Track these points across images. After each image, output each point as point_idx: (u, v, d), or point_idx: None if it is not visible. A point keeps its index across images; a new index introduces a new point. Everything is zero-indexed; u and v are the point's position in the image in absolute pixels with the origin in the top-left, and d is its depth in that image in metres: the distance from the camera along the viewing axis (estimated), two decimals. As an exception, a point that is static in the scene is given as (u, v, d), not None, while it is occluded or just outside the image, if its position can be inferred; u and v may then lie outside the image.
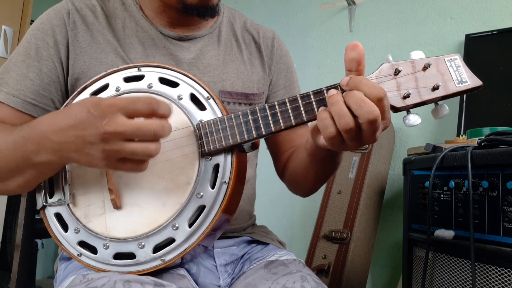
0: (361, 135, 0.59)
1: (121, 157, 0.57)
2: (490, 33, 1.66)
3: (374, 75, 0.64)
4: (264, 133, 0.66)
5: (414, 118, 0.63)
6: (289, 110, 0.65)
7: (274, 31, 1.00)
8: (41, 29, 0.80)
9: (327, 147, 0.63)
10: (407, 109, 0.64)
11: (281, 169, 0.96)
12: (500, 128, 1.06)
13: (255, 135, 0.66)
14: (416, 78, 0.63)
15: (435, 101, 0.64)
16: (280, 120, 0.65)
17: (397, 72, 0.63)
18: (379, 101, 0.57)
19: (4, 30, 2.11)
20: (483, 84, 0.63)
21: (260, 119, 0.66)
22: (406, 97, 0.62)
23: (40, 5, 2.39)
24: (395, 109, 0.63)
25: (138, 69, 0.74)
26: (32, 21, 2.23)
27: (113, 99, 0.57)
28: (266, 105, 0.66)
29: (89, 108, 0.56)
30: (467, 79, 0.63)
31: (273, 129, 0.66)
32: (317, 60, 2.15)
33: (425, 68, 0.63)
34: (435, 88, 0.62)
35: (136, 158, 0.58)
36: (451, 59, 0.64)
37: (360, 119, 0.57)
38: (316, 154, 0.73)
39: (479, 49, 1.67)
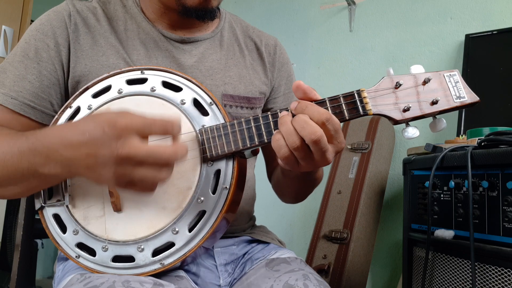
0: (312, 156, 0.61)
1: (131, 180, 0.57)
2: (490, 33, 1.66)
3: (375, 88, 0.66)
4: (266, 140, 0.66)
5: (413, 131, 0.65)
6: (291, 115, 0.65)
7: (276, 38, 1.01)
8: (41, 30, 0.79)
9: (285, 167, 0.65)
10: (406, 122, 0.66)
11: (270, 175, 1.00)
12: (500, 128, 1.06)
13: (257, 142, 0.67)
14: (416, 92, 0.65)
15: (433, 115, 0.66)
16: None
17: (397, 86, 0.65)
18: (323, 124, 0.60)
19: (4, 30, 2.11)
20: (480, 100, 0.65)
21: (262, 126, 0.67)
22: (405, 110, 0.64)
23: (40, 5, 2.39)
24: (395, 122, 0.65)
25: (141, 72, 0.74)
26: (32, 21, 2.23)
27: (130, 119, 0.56)
28: (269, 113, 0.66)
29: (103, 126, 0.55)
30: (465, 95, 0.65)
31: None
32: (317, 60, 2.15)
33: (425, 82, 0.65)
34: (434, 103, 0.64)
35: (144, 183, 0.58)
36: (450, 74, 0.66)
37: (305, 140, 0.60)
38: (288, 173, 0.77)
39: (479, 49, 1.67)
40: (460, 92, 0.65)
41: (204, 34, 0.89)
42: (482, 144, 0.98)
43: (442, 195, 1.07)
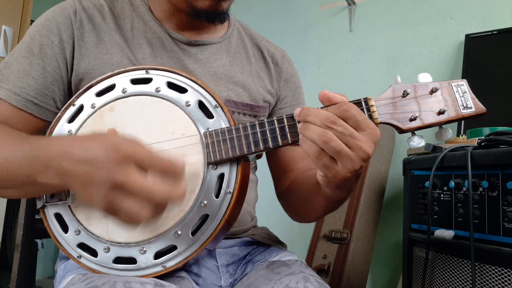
0: (341, 145, 0.59)
1: (118, 208, 0.55)
2: (490, 33, 1.66)
3: (382, 96, 0.66)
4: (271, 146, 0.66)
5: (418, 140, 0.65)
6: (297, 125, 0.65)
7: (285, 50, 1.00)
8: (46, 26, 0.78)
9: (325, 173, 0.62)
10: (412, 130, 0.65)
11: (282, 192, 0.96)
12: (500, 128, 1.07)
13: (262, 148, 0.66)
14: (423, 101, 0.65)
15: (439, 124, 0.65)
16: (288, 134, 0.66)
17: (405, 95, 0.65)
18: (345, 111, 0.59)
19: (4, 30, 2.11)
20: (486, 111, 0.65)
21: (268, 131, 0.66)
22: (412, 119, 0.64)
23: (40, 5, 2.40)
24: (401, 130, 0.65)
25: (146, 71, 0.73)
26: (32, 21, 2.23)
27: (135, 148, 0.55)
28: (275, 118, 0.66)
29: (107, 148, 0.55)
30: (472, 105, 0.65)
31: (280, 143, 0.66)
32: (317, 60, 2.15)
33: (432, 92, 0.65)
34: (441, 113, 0.64)
35: (130, 216, 0.56)
36: (457, 84, 0.66)
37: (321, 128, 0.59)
38: (325, 191, 0.72)
39: (479, 49, 1.67)
40: (467, 102, 0.65)
41: (212, 38, 0.88)
42: (482, 144, 0.98)
43: (442, 195, 1.07)
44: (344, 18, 2.08)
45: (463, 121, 1.59)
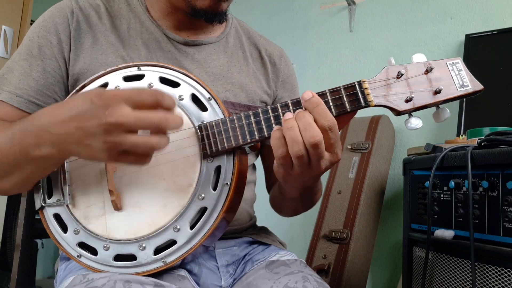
0: (309, 160, 0.61)
1: (123, 149, 0.56)
2: (490, 33, 1.66)
3: (377, 78, 0.64)
4: (266, 135, 0.66)
5: (416, 122, 0.64)
6: (292, 112, 0.65)
7: (283, 49, 1.00)
8: (43, 27, 0.79)
9: (278, 170, 0.65)
10: (409, 112, 0.64)
11: (269, 188, 0.99)
12: (500, 128, 1.06)
13: (257, 137, 0.66)
14: (419, 81, 0.64)
15: (436, 104, 0.64)
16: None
17: (399, 76, 0.64)
18: (325, 131, 0.60)
19: (4, 30, 2.11)
20: (483, 88, 0.64)
21: (262, 121, 0.66)
22: (408, 100, 0.63)
23: (40, 5, 2.39)
24: (398, 112, 0.64)
25: (138, 68, 0.73)
26: (32, 21, 2.23)
27: (117, 90, 0.56)
28: (269, 107, 0.66)
29: (91, 98, 0.54)
30: (469, 83, 0.64)
31: None
32: (317, 60, 2.15)
33: (427, 71, 0.64)
34: (437, 92, 0.63)
35: (138, 151, 0.56)
36: (453, 62, 0.65)
37: (304, 142, 0.60)
38: (286, 194, 0.77)
39: (479, 49, 1.67)
40: (463, 80, 0.64)
41: (209, 37, 0.88)
42: (482, 144, 0.98)
43: (442, 195, 1.07)
44: (344, 18, 2.08)
45: (463, 121, 1.59)
